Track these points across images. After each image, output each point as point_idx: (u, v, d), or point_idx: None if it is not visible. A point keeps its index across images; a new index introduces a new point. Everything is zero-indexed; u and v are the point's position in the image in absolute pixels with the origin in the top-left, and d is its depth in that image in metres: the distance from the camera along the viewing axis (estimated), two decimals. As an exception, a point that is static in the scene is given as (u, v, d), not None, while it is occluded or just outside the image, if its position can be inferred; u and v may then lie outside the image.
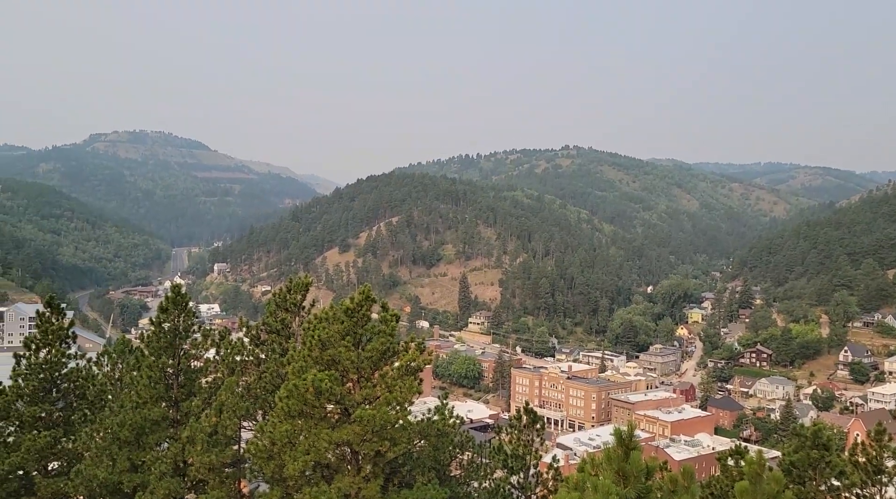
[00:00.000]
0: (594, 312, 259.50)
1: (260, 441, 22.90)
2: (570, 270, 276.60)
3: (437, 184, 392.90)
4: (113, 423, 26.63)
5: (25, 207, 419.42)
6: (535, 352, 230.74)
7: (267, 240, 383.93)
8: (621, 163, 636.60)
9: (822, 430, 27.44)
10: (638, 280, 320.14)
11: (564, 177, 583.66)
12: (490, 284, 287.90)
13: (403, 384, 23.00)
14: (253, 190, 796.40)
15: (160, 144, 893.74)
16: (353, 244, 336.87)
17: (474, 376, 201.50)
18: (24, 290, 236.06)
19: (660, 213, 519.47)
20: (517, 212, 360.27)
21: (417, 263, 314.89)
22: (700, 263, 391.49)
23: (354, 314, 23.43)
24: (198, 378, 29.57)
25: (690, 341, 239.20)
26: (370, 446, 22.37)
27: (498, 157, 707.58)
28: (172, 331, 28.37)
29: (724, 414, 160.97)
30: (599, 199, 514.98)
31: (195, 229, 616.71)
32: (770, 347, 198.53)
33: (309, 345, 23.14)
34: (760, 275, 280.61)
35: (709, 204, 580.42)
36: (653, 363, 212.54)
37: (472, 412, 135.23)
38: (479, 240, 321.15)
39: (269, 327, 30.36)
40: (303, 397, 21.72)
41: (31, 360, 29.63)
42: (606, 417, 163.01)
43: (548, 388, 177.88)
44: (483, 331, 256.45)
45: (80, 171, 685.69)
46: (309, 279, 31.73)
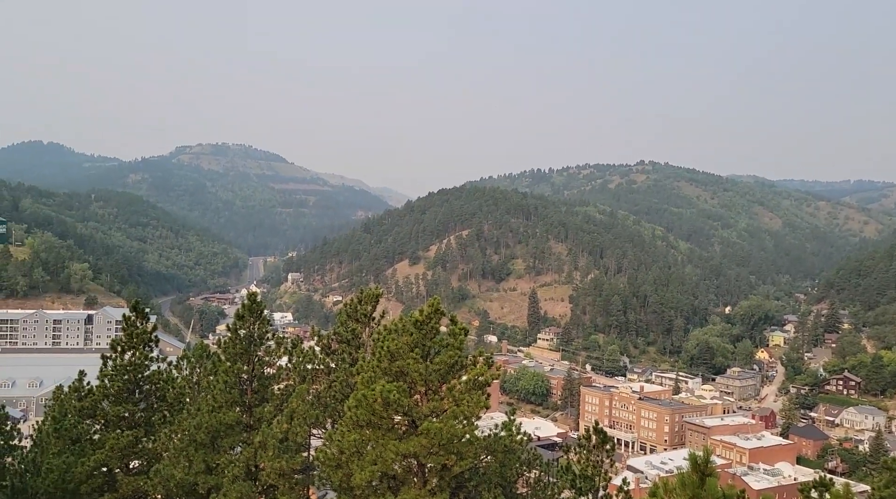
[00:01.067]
0: (668, 332, 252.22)
1: (329, 449, 23.23)
2: (644, 288, 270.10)
3: (507, 198, 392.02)
4: (190, 425, 27.57)
5: (115, 215, 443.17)
6: (606, 370, 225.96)
7: (339, 251, 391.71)
8: (699, 179, 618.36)
9: (918, 465, 25.62)
10: (715, 300, 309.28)
11: (639, 193, 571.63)
12: (560, 300, 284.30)
13: (471, 398, 22.89)
14: (327, 202, 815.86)
15: (240, 157, 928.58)
16: (424, 257, 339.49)
17: (542, 393, 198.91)
18: (112, 294, 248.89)
19: (739, 231, 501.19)
20: (589, 227, 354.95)
21: (487, 277, 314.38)
22: (782, 284, 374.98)
23: (423, 327, 23.53)
24: (270, 385, 30.31)
25: (771, 366, 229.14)
26: (437, 459, 22.32)
27: (570, 171, 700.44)
28: (247, 338, 29.20)
29: (808, 443, 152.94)
30: (675, 215, 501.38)
31: (271, 239, 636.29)
32: (859, 375, 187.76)
33: (378, 356, 23.37)
34: (849, 298, 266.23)
35: (793, 223, 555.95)
36: (730, 387, 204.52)
37: (539, 430, 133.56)
38: (550, 255, 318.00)
39: (340, 337, 30.90)
40: (371, 408, 21.91)
41: (116, 361, 31.12)
42: (680, 440, 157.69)
43: (618, 408, 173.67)
44: (552, 347, 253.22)
45: (165, 181, 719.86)
46: (379, 291, 32.17)
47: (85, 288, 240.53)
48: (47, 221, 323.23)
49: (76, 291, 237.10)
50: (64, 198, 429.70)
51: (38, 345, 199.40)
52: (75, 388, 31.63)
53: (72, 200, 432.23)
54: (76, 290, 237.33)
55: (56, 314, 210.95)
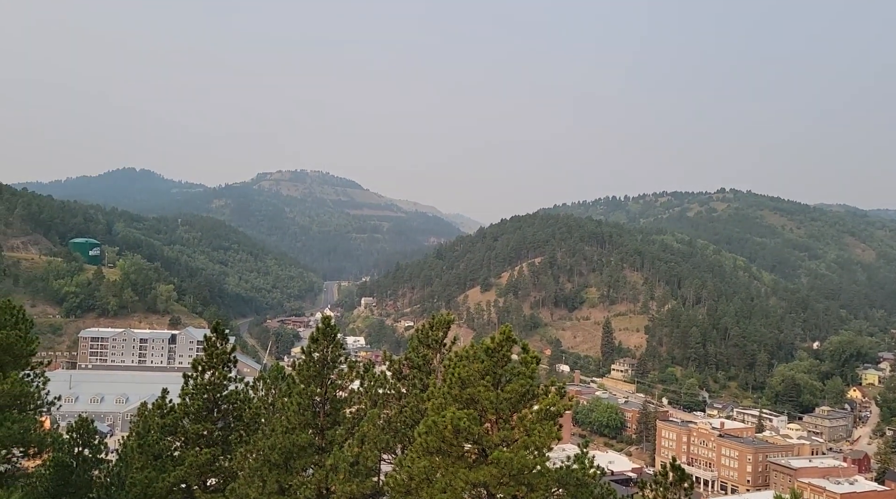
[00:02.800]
0: (751, 367, 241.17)
1: (399, 475, 23.19)
2: (724, 320, 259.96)
3: (581, 225, 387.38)
4: (265, 445, 28.15)
5: (200, 239, 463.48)
6: (683, 405, 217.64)
7: (412, 276, 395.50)
8: (784, 208, 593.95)
9: None
10: (802, 335, 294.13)
11: (719, 221, 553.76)
12: (635, 331, 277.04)
13: (542, 429, 22.45)
14: (400, 228, 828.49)
15: (318, 183, 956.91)
16: (495, 284, 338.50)
17: (616, 426, 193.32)
18: (194, 315, 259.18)
19: (829, 262, 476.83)
20: (666, 256, 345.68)
21: (559, 306, 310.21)
22: (877, 320, 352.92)
23: (495, 354, 23.34)
24: (342, 408, 30.67)
25: (865, 405, 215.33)
26: (507, 489, 21.95)
27: (647, 199, 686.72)
28: (321, 361, 29.71)
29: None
30: (758, 245, 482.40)
31: (345, 264, 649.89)
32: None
33: (449, 382, 23.28)
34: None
35: (888, 254, 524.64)
36: (819, 427, 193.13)
37: (613, 464, 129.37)
38: (625, 284, 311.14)
39: (412, 362, 31.02)
40: (441, 435, 21.80)
41: (197, 381, 32.26)
42: (763, 481, 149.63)
43: (697, 444, 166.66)
44: (626, 379, 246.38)
45: (246, 207, 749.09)
46: (451, 317, 32.19)
47: (170, 309, 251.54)
48: (137, 245, 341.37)
49: (162, 311, 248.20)
50: (153, 222, 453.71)
51: (125, 362, 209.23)
52: (158, 405, 32.94)
53: (160, 224, 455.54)
54: (162, 310, 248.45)
55: (143, 333, 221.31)
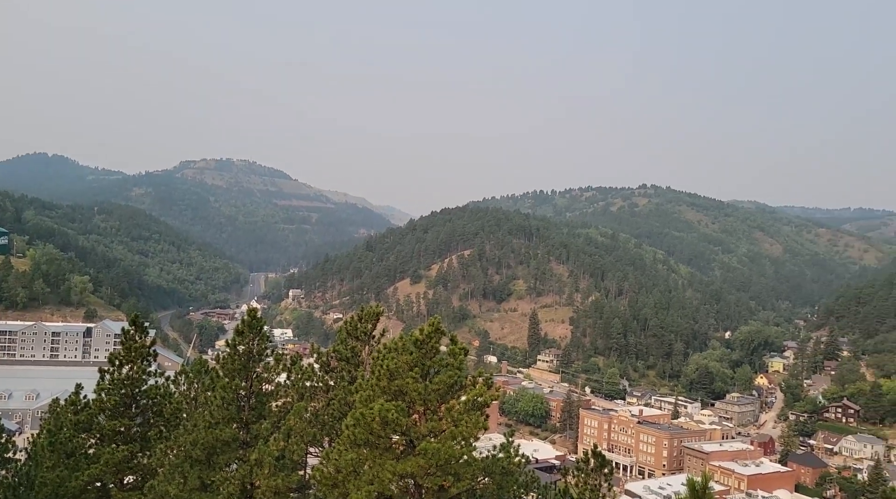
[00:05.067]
0: (668, 356, 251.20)
1: (325, 468, 23.08)
2: (644, 312, 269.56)
3: (510, 218, 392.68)
4: (186, 441, 27.43)
5: (118, 228, 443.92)
6: (605, 393, 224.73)
7: (341, 268, 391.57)
8: (700, 204, 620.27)
9: (919, 496, 25.45)
10: (715, 325, 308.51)
11: (641, 216, 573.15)
12: (560, 322, 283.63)
13: (469, 419, 22.78)
14: (330, 219, 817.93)
15: (244, 172, 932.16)
16: (425, 276, 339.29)
17: (541, 415, 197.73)
18: (112, 307, 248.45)
19: (740, 256, 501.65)
20: (591, 250, 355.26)
21: (488, 298, 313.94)
22: (782, 311, 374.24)
23: (423, 346, 23.50)
24: (268, 402, 30.21)
25: (770, 392, 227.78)
26: (434, 479, 22.18)
27: (573, 194, 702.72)
28: (246, 354, 29.14)
29: (806, 471, 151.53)
30: (676, 239, 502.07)
31: (273, 255, 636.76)
32: (858, 403, 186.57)
33: (377, 374, 23.30)
34: (848, 325, 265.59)
35: (793, 249, 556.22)
36: (729, 412, 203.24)
37: (538, 452, 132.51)
38: (551, 276, 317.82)
39: (340, 355, 30.83)
40: (369, 427, 21.82)
41: (114, 375, 31.05)
42: (678, 465, 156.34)
43: (617, 431, 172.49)
44: (552, 369, 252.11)
45: (169, 195, 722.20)
46: (380, 309, 32.15)
47: (85, 301, 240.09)
48: (49, 234, 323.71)
49: (76, 303, 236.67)
50: (67, 210, 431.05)
51: (35, 357, 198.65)
52: (72, 401, 31.53)
53: (74, 213, 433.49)
54: (76, 302, 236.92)
55: (55, 327, 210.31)
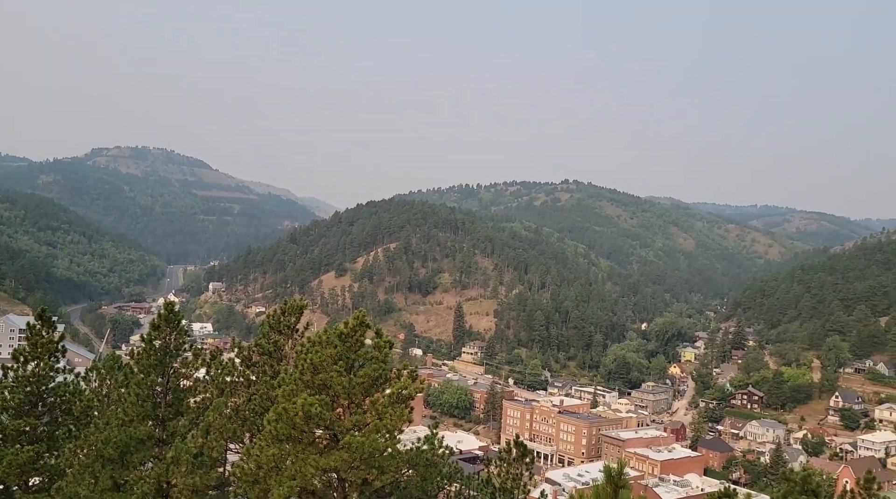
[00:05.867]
0: (588, 347, 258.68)
1: (246, 464, 22.67)
2: (566, 304, 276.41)
3: (436, 212, 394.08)
4: (98, 440, 26.34)
5: (23, 218, 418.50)
6: (528, 384, 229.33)
7: (264, 261, 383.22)
8: (620, 199, 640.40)
9: (812, 476, 27.21)
10: (632, 317, 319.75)
11: (563, 211, 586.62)
12: (485, 315, 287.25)
13: (394, 412, 22.86)
14: (252, 210, 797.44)
15: (161, 161, 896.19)
16: (350, 269, 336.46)
17: (466, 407, 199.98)
18: (16, 301, 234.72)
19: (656, 250, 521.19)
20: (515, 243, 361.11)
21: (413, 291, 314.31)
22: (695, 303, 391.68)
23: (348, 339, 23.39)
24: (186, 398, 29.35)
25: (683, 380, 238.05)
26: (357, 473, 22.16)
27: (498, 188, 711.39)
28: (163, 349, 28.21)
29: (714, 455, 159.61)
30: (597, 234, 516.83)
31: (192, 247, 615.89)
32: (761, 390, 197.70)
33: (301, 368, 23.03)
34: (754, 316, 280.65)
35: (705, 244, 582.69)
36: (644, 401, 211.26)
37: (461, 443, 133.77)
38: (476, 270, 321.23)
39: (262, 349, 30.26)
40: (292, 421, 21.57)
41: (18, 372, 29.42)
42: (596, 453, 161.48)
43: (539, 421, 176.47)
44: (476, 361, 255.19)
45: (79, 184, 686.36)
46: (304, 302, 31.73)
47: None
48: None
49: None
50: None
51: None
52: (-29, 400, 29.66)
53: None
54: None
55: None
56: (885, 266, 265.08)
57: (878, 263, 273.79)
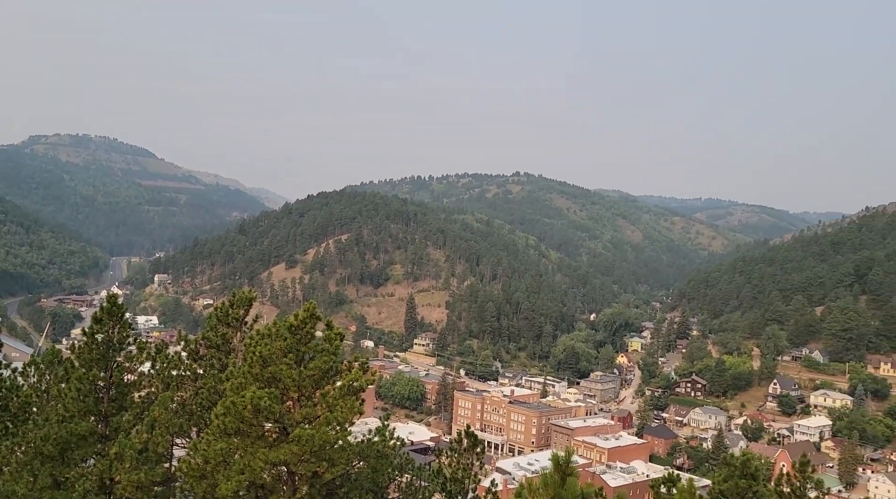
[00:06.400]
0: (538, 338, 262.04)
1: (193, 459, 22.29)
2: (517, 295, 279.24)
3: (388, 203, 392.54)
4: (36, 437, 25.51)
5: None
6: (479, 375, 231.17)
7: (212, 252, 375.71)
8: (570, 192, 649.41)
9: (751, 460, 28.32)
10: (582, 307, 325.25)
11: (514, 203, 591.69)
12: (437, 306, 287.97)
13: (345, 404, 22.76)
14: (199, 201, 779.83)
15: (104, 150, 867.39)
16: (301, 260, 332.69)
17: (417, 398, 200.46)
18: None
19: (605, 242, 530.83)
20: (467, 235, 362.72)
21: (365, 283, 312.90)
22: (641, 293, 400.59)
23: (298, 331, 23.16)
24: (130, 393, 28.64)
25: (630, 369, 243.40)
26: (308, 466, 22.03)
27: (450, 179, 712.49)
28: (106, 343, 27.44)
29: (660, 442, 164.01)
30: (547, 226, 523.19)
31: (136, 238, 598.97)
32: (704, 378, 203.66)
33: (249, 361, 22.72)
34: (698, 307, 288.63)
35: (651, 236, 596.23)
36: (593, 390, 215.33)
37: (413, 434, 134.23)
38: (428, 261, 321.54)
39: (209, 342, 29.72)
40: (240, 415, 21.29)
41: (-49, 368, 28.24)
42: (546, 442, 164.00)
43: (490, 411, 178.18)
44: (428, 352, 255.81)
45: (16, 173, 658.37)
46: (253, 294, 31.26)
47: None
48: None
49: None
50: None
51: None
52: None
53: None
54: None
55: None
56: (820, 258, 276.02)
57: (815, 254, 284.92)
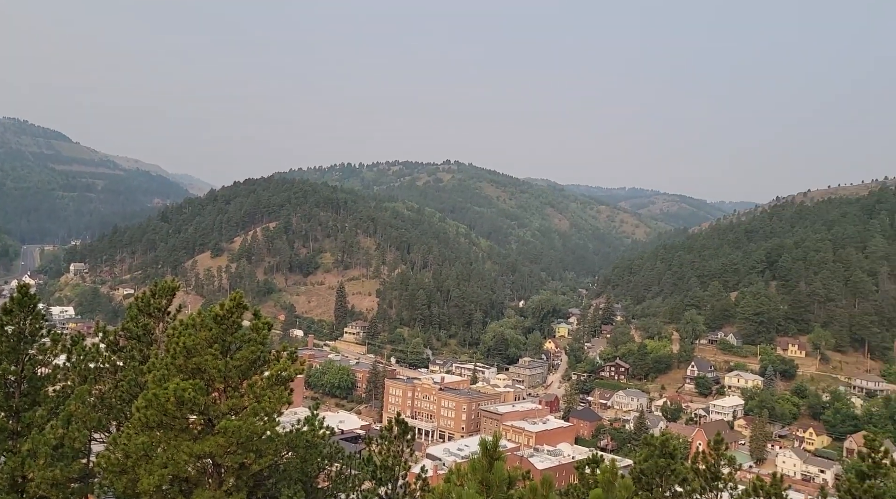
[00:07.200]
0: (468, 325, 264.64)
1: (112, 454, 21.56)
2: (447, 283, 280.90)
3: (317, 191, 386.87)
4: (-60, 436, 24.10)
5: None
6: (410, 363, 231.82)
7: (132, 240, 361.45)
8: (499, 180, 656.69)
9: (669, 440, 29.64)
10: (511, 295, 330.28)
11: (445, 191, 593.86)
12: (367, 295, 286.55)
13: (273, 394, 22.47)
14: (118, 187, 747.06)
15: (13, 132, 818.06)
16: (227, 249, 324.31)
17: (348, 387, 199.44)
18: None
19: (533, 230, 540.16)
20: (397, 223, 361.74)
21: (294, 271, 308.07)
22: (568, 280, 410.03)
23: (224, 321, 22.67)
24: (44, 386, 27.37)
25: (557, 355, 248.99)
26: (234, 458, 21.66)
27: (381, 167, 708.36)
28: (17, 335, 26.12)
29: (585, 425, 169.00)
30: (477, 214, 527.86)
31: (50, 226, 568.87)
32: (627, 362, 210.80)
33: (173, 352, 22.10)
34: (622, 293, 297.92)
35: (578, 224, 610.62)
36: (521, 375, 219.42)
37: (343, 423, 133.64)
38: (359, 249, 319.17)
39: (130, 333, 28.71)
40: (163, 407, 20.71)
41: None
42: (476, 427, 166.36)
43: (420, 399, 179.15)
44: (359, 341, 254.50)
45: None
46: (176, 283, 30.33)
47: None
48: None
49: None
50: None
51: None
52: None
53: None
54: None
55: None
56: (735, 245, 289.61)
57: (730, 242, 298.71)
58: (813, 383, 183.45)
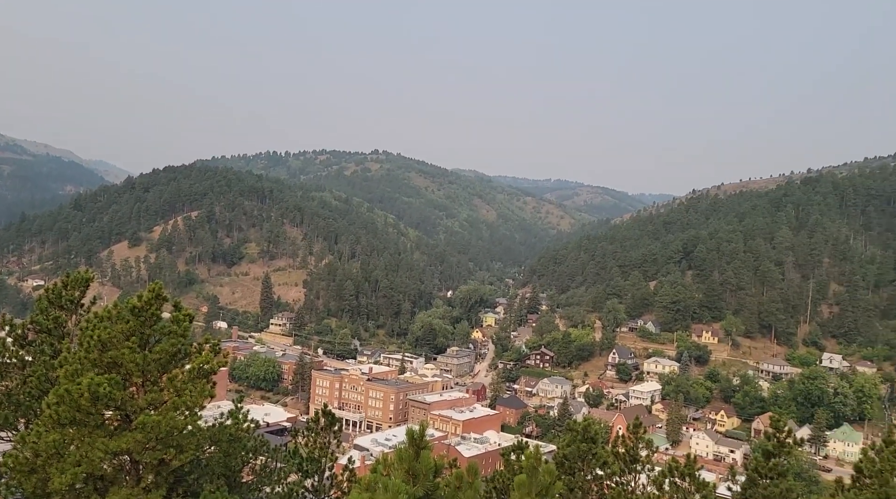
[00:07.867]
0: (397, 315, 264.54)
1: (21, 453, 20.52)
2: (375, 274, 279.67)
3: (241, 179, 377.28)
4: None
5: None
6: (338, 354, 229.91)
7: (42, 229, 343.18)
8: (428, 171, 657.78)
9: (591, 425, 30.56)
10: (439, 285, 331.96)
11: (373, 181, 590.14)
12: (294, 285, 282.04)
13: (194, 388, 21.87)
14: (26, 173, 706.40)
15: None
16: (146, 238, 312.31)
17: (273, 379, 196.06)
18: None
19: (461, 221, 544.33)
20: (325, 213, 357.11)
21: (217, 262, 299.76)
22: (496, 270, 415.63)
23: (142, 313, 21.88)
24: (-57, 384, 25.72)
25: (484, 344, 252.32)
26: (153, 454, 21.00)
27: (307, 156, 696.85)
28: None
29: (511, 412, 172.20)
30: (406, 204, 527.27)
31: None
32: (552, 350, 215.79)
33: (86, 346, 21.18)
34: (547, 283, 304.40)
35: (505, 215, 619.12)
36: (449, 365, 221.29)
37: (269, 416, 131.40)
38: (285, 240, 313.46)
39: (39, 326, 27.29)
40: (76, 403, 19.84)
41: None
42: (404, 417, 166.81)
43: (348, 389, 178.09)
44: (285, 332, 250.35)
45: None
46: (90, 274, 28.99)
47: None
48: None
49: None
50: None
51: None
52: None
53: None
54: None
55: None
56: (654, 236, 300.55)
57: (649, 233, 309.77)
58: (724, 367, 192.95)
